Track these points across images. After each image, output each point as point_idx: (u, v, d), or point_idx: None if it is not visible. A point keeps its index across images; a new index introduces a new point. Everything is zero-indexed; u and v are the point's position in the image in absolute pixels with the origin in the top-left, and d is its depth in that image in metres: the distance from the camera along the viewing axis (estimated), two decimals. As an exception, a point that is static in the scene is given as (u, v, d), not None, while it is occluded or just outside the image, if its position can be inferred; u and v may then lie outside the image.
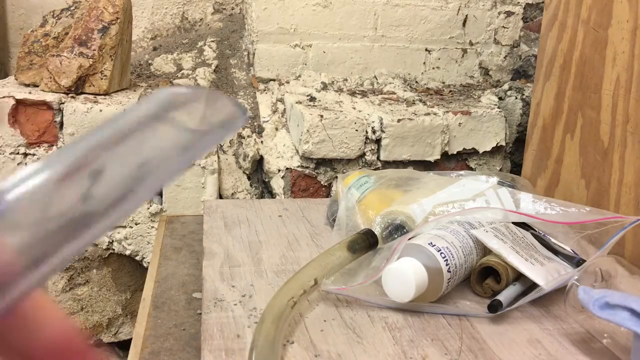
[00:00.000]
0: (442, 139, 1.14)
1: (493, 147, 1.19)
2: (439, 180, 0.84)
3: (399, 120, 1.11)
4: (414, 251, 0.64)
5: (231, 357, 0.54)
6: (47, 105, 1.05)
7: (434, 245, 0.65)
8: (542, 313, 0.66)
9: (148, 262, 1.06)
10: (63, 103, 1.05)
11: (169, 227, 0.91)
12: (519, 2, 1.40)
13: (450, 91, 1.34)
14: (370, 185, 0.83)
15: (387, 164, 1.13)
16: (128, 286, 1.20)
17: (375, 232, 0.72)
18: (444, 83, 1.39)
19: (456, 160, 1.19)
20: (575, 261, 0.72)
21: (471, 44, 1.39)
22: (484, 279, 0.69)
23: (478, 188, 0.79)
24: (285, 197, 1.12)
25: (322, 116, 1.09)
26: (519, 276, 0.68)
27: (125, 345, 1.20)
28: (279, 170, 1.13)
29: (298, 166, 1.12)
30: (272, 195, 1.15)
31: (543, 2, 1.25)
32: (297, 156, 1.13)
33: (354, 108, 1.16)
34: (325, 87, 1.27)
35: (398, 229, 0.74)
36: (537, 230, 0.77)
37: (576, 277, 0.62)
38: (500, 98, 1.28)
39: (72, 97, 1.07)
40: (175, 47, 1.37)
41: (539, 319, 0.65)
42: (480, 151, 1.18)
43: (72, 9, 1.16)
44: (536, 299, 0.64)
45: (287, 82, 1.28)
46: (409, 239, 0.66)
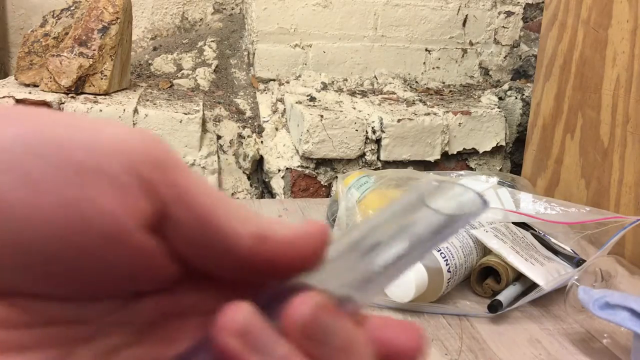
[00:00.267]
0: (442, 139, 1.14)
1: (493, 147, 1.19)
2: (439, 180, 0.84)
3: (399, 120, 1.11)
4: (414, 251, 0.64)
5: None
6: (47, 105, 1.05)
7: (434, 245, 0.65)
8: (542, 313, 0.66)
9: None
10: (63, 103, 1.05)
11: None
12: (519, 2, 1.40)
13: (450, 91, 1.34)
14: (370, 185, 0.83)
15: (387, 164, 1.13)
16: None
17: (375, 232, 0.72)
18: (444, 83, 1.39)
19: (456, 160, 1.19)
20: (575, 261, 0.72)
21: (471, 44, 1.39)
22: (484, 279, 0.69)
23: (478, 188, 0.79)
24: (285, 197, 1.12)
25: (322, 116, 1.09)
26: (519, 276, 0.68)
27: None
28: (279, 170, 1.13)
29: (298, 166, 1.12)
30: (272, 195, 1.15)
31: (543, 2, 1.25)
32: (297, 156, 1.13)
33: (354, 108, 1.16)
34: (325, 87, 1.27)
35: (398, 229, 0.74)
36: (537, 230, 0.77)
37: (576, 277, 0.62)
38: (500, 98, 1.28)
39: (72, 97, 1.07)
40: (175, 47, 1.37)
41: (539, 319, 0.65)
42: (480, 151, 1.18)
43: (72, 9, 1.16)
44: (536, 299, 0.64)
45: (287, 82, 1.28)
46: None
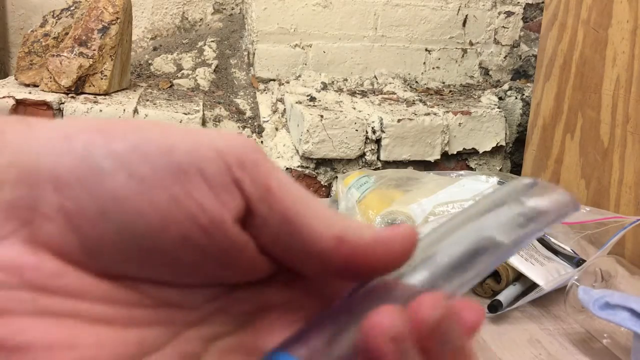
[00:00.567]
0: (442, 139, 1.14)
1: (493, 147, 1.19)
2: (439, 180, 0.84)
3: (399, 120, 1.11)
4: (414, 251, 0.64)
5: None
6: (47, 105, 1.05)
7: (434, 245, 0.65)
8: (542, 313, 0.66)
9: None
10: (63, 103, 1.05)
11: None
12: (519, 2, 1.40)
13: (450, 91, 1.34)
14: (370, 185, 0.83)
15: (387, 164, 1.13)
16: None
17: (375, 232, 0.72)
18: (444, 83, 1.39)
19: (456, 160, 1.19)
20: (575, 261, 0.72)
21: (471, 44, 1.39)
22: (484, 279, 0.69)
23: (478, 188, 0.79)
24: (285, 197, 1.12)
25: (322, 116, 1.09)
26: (519, 276, 0.68)
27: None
28: (279, 170, 1.13)
29: (298, 166, 1.12)
30: (272, 195, 1.15)
31: (543, 2, 1.25)
32: (297, 156, 1.13)
33: (354, 108, 1.16)
34: (325, 87, 1.27)
35: (398, 229, 0.74)
36: (537, 230, 0.77)
37: (576, 277, 0.62)
38: (500, 98, 1.28)
39: (72, 97, 1.07)
40: (175, 47, 1.37)
41: (539, 319, 0.65)
42: (480, 151, 1.18)
43: (72, 9, 1.16)
44: (536, 299, 0.64)
45: (287, 82, 1.28)
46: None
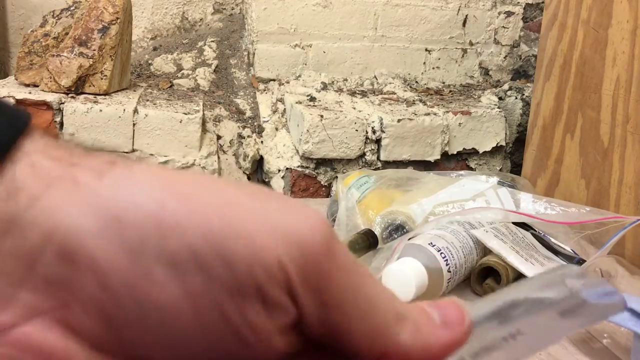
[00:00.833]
0: (442, 139, 1.14)
1: (493, 147, 1.19)
2: (439, 180, 0.84)
3: (399, 120, 1.11)
4: (414, 251, 0.64)
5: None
6: (47, 105, 1.05)
7: (434, 245, 0.65)
8: (542, 313, 0.66)
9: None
10: (63, 103, 1.05)
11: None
12: (519, 2, 1.40)
13: (450, 91, 1.34)
14: (370, 185, 0.83)
15: (387, 164, 1.13)
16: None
17: (375, 232, 0.72)
18: (444, 83, 1.39)
19: (456, 160, 1.19)
20: (575, 261, 0.72)
21: (471, 44, 1.39)
22: (484, 279, 0.69)
23: (478, 188, 0.79)
24: (285, 197, 1.12)
25: (322, 116, 1.09)
26: (519, 276, 0.68)
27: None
28: (279, 171, 1.13)
29: (298, 166, 1.12)
30: (272, 195, 1.15)
31: (543, 2, 1.25)
32: (297, 156, 1.13)
33: (354, 108, 1.16)
34: (325, 87, 1.27)
35: (398, 229, 0.74)
36: (537, 230, 0.77)
37: (576, 277, 0.62)
38: (500, 98, 1.28)
39: (72, 97, 1.07)
40: (175, 47, 1.37)
41: (539, 319, 0.65)
42: (480, 151, 1.18)
43: (72, 9, 1.16)
44: (536, 299, 0.64)
45: (287, 82, 1.28)
46: (409, 239, 0.66)
